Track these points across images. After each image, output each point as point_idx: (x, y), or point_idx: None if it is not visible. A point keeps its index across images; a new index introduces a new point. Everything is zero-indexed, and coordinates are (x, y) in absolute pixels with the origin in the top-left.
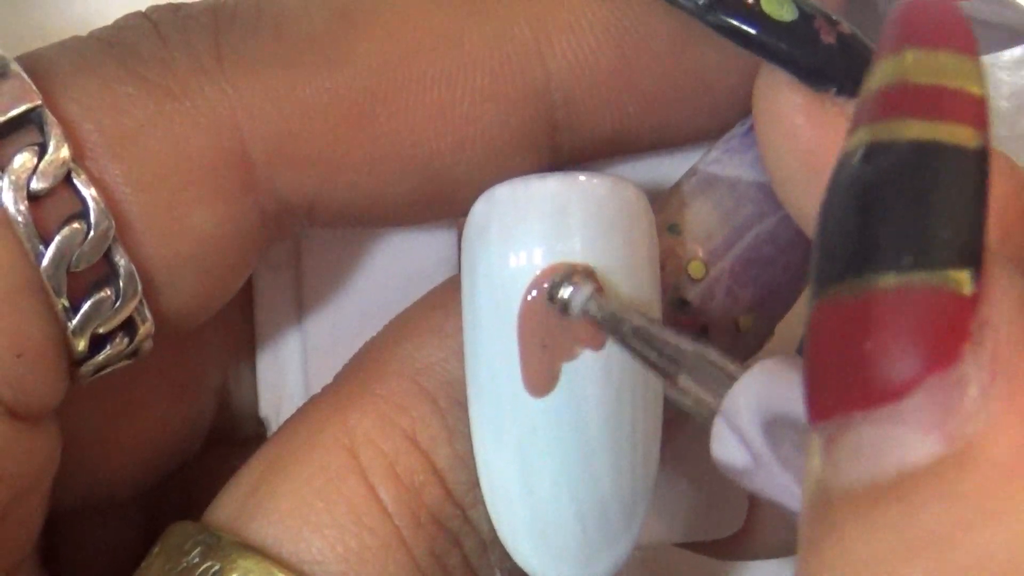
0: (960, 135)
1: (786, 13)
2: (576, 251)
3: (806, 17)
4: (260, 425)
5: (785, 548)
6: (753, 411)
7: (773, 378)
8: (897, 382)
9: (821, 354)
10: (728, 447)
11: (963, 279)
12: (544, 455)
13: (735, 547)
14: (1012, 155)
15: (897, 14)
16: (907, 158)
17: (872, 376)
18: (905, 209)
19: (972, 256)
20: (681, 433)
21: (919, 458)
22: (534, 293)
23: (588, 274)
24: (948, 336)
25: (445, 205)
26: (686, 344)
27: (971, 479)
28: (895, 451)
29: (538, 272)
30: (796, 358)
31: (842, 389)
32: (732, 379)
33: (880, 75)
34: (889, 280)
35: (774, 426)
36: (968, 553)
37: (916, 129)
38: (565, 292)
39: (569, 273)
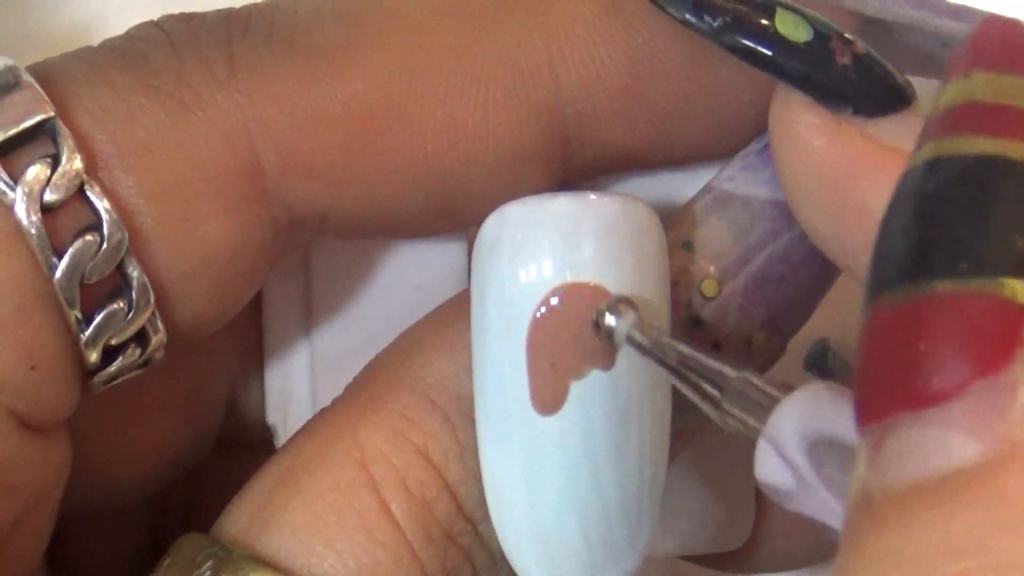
0: (1023, 151)
1: (801, 34)
2: (587, 269)
3: (821, 38)
4: (267, 432)
5: (791, 561)
6: (797, 433)
7: (816, 400)
8: (947, 384)
9: (873, 356)
10: (772, 469)
11: (1018, 287)
12: (550, 472)
13: (741, 560)
14: None
15: (969, 38)
16: (969, 170)
17: (922, 377)
18: (964, 218)
19: None
20: (688, 447)
21: (964, 460)
22: (543, 310)
23: (630, 303)
24: (1000, 341)
25: (456, 217)
26: (729, 370)
27: (1015, 483)
28: (941, 453)
29: (548, 289)
30: (836, 384)
31: (892, 390)
32: (775, 402)
33: (948, 95)
34: (945, 285)
35: (817, 448)
36: (1007, 555)
37: (980, 144)
38: (611, 320)
39: (613, 302)
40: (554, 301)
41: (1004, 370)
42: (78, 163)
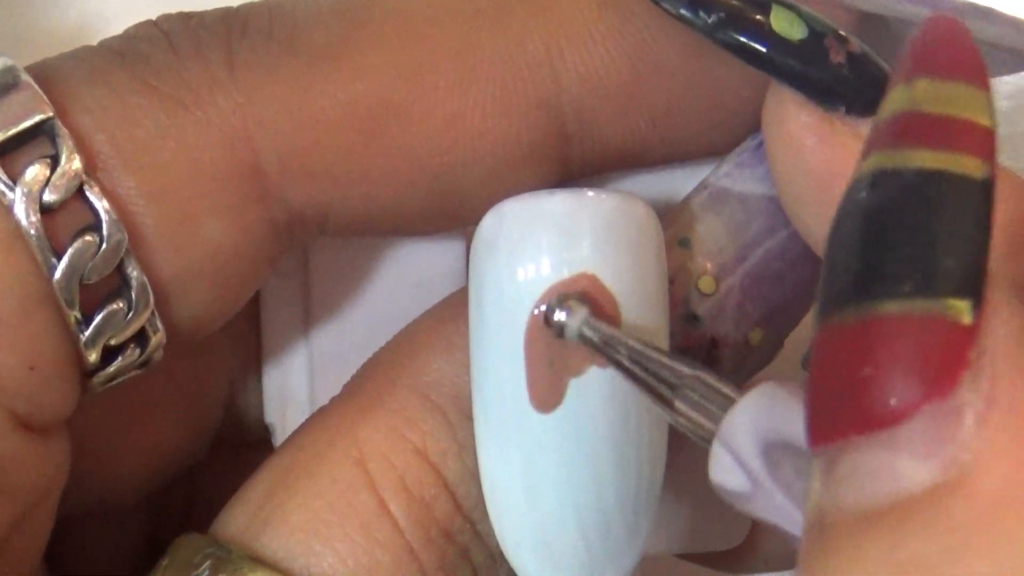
0: (967, 165)
1: (796, 32)
2: (585, 267)
3: (816, 36)
4: (265, 431)
5: (787, 561)
6: (751, 435)
7: (771, 402)
8: (894, 408)
9: (822, 378)
10: (726, 471)
11: (963, 308)
12: (549, 470)
13: (737, 559)
14: (1012, 152)
15: (911, 43)
16: (913, 186)
17: (870, 401)
18: (908, 237)
19: (973, 286)
20: (686, 445)
21: (913, 484)
22: (542, 308)
23: (582, 298)
24: (946, 364)
25: (456, 215)
26: (683, 367)
27: (962, 508)
28: (890, 477)
29: (546, 287)
30: (792, 382)
31: (840, 413)
32: (730, 403)
33: (892, 102)
34: (890, 307)
35: (772, 450)
36: None
37: (923, 158)
38: (560, 316)
39: (563, 297)
40: (542, 305)
41: (951, 393)
42: (77, 163)
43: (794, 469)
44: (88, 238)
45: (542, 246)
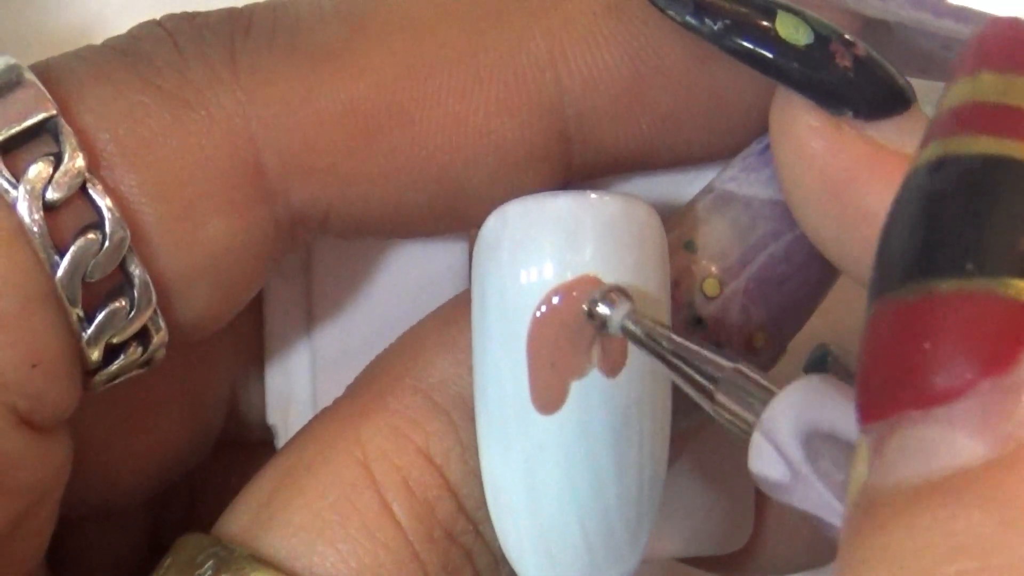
0: None
1: (802, 37)
2: (587, 269)
3: (822, 40)
4: (267, 432)
5: (790, 565)
6: (792, 425)
7: (812, 394)
8: (952, 384)
9: (877, 355)
10: (766, 461)
11: (1022, 288)
12: (551, 472)
13: (741, 562)
14: None
15: (975, 39)
16: (975, 170)
17: (927, 376)
18: (969, 218)
19: None
20: (688, 449)
21: (968, 460)
22: (543, 309)
23: (624, 292)
24: (1005, 342)
25: (458, 217)
26: (724, 360)
27: (1019, 482)
28: (945, 453)
29: (548, 288)
30: (831, 377)
31: (896, 389)
32: (770, 395)
33: (954, 95)
34: (950, 285)
35: (812, 441)
36: (1011, 554)
37: (985, 144)
38: (604, 309)
39: (606, 291)
40: (555, 300)
41: (1009, 370)
42: (80, 161)
43: (833, 460)
44: (91, 236)
45: (545, 248)
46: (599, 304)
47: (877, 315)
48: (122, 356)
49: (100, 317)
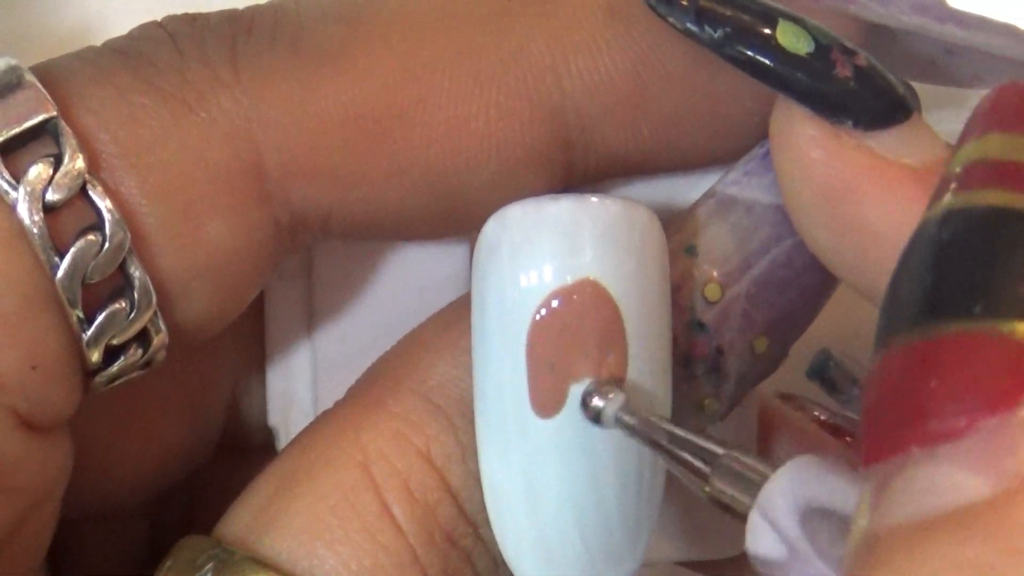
0: None
1: (803, 46)
2: (587, 273)
3: (823, 49)
4: (268, 434)
5: None
6: (789, 503)
7: (807, 471)
8: (957, 422)
9: (883, 396)
10: (764, 540)
11: None
12: (550, 476)
13: (739, 566)
14: None
15: (985, 101)
16: (982, 220)
17: (932, 414)
18: (976, 264)
19: None
20: None
21: (973, 496)
22: (543, 312)
23: (618, 383)
24: (1010, 381)
25: (459, 220)
26: (717, 448)
27: (1022, 514)
28: (949, 490)
29: (548, 292)
30: (826, 458)
31: (901, 428)
32: (765, 476)
33: (964, 155)
34: (958, 327)
35: (809, 518)
36: None
37: (993, 197)
38: (598, 402)
39: (601, 383)
40: (554, 304)
41: (1013, 408)
42: (80, 163)
43: (830, 537)
44: (91, 237)
45: (545, 252)
46: (594, 396)
47: (885, 357)
48: (122, 358)
49: (100, 318)
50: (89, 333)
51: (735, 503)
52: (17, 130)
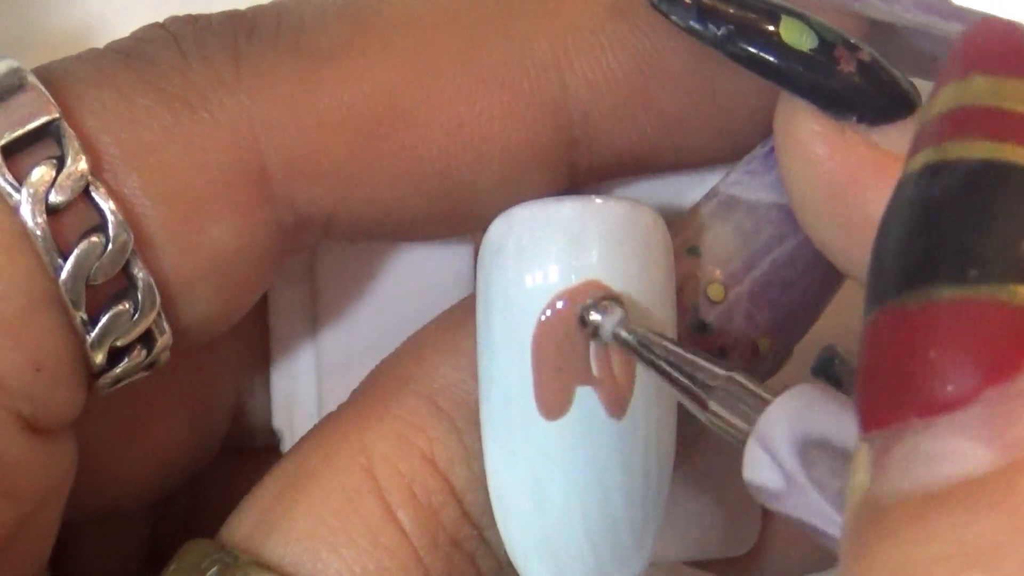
0: None
1: (806, 42)
2: (592, 274)
3: (826, 45)
4: (272, 436)
5: (798, 568)
6: (787, 433)
7: (807, 402)
8: (958, 392)
9: (878, 362)
10: (761, 469)
11: None
12: (556, 477)
13: (747, 566)
14: None
15: (964, 41)
16: (974, 175)
17: (933, 385)
18: (971, 224)
19: None
20: (694, 452)
21: (976, 467)
22: (548, 314)
23: (617, 299)
24: (1010, 349)
25: (462, 220)
26: (718, 369)
27: None
28: (953, 460)
29: (553, 293)
30: (826, 385)
31: (900, 397)
32: (765, 403)
33: (944, 99)
34: (953, 292)
35: (808, 449)
36: (1019, 562)
37: (984, 149)
38: (596, 316)
39: (598, 298)
40: (560, 305)
41: (1015, 377)
42: (83, 164)
43: (829, 468)
44: (94, 239)
45: (550, 253)
46: (591, 311)
47: (877, 321)
48: (126, 359)
49: (104, 320)
50: (93, 335)
51: (732, 429)
52: (20, 132)
